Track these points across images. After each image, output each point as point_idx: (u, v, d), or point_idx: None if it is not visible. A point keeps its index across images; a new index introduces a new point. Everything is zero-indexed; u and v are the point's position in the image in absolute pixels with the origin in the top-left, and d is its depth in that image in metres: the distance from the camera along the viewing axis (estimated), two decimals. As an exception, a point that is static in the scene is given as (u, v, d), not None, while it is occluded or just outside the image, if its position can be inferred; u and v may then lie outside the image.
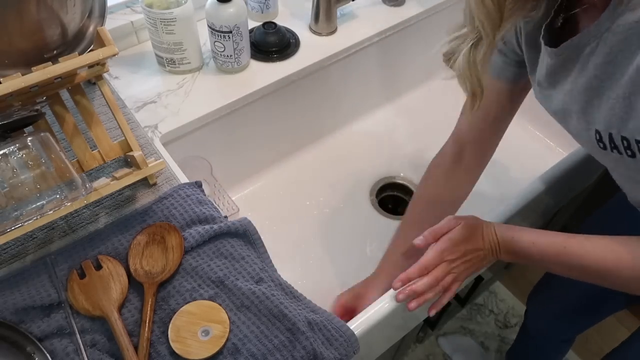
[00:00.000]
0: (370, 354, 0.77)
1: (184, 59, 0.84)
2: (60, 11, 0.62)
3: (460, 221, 0.65)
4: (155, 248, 0.62)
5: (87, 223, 0.65)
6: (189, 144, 0.83)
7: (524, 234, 0.62)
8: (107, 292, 0.58)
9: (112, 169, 0.70)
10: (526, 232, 0.62)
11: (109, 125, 0.74)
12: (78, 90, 0.64)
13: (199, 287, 0.59)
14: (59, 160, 0.57)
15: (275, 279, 0.61)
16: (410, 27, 1.03)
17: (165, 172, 0.71)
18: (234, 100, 0.83)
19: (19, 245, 0.63)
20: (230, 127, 0.87)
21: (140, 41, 0.90)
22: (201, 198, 0.67)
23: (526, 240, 0.61)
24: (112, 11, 0.86)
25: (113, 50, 0.59)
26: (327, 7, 0.91)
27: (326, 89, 0.99)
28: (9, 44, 0.60)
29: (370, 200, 1.01)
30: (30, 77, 0.54)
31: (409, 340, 1.27)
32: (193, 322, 0.56)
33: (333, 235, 0.95)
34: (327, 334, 0.57)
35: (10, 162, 0.55)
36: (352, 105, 1.10)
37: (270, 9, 0.96)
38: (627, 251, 0.54)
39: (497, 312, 1.50)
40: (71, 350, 0.54)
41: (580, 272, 0.58)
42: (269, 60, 0.90)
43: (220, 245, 0.63)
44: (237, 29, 0.81)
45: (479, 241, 0.64)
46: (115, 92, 0.82)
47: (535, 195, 0.76)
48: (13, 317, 0.56)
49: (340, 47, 0.93)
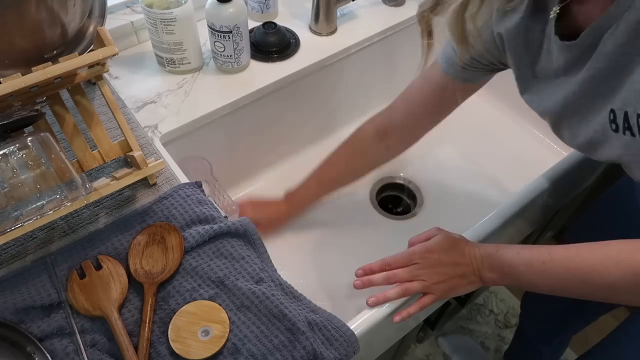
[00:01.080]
0: (370, 354, 0.77)
1: (184, 59, 0.84)
2: (60, 11, 0.62)
3: (443, 232, 0.65)
4: (155, 248, 0.62)
5: (87, 223, 0.65)
6: (189, 144, 0.83)
7: (509, 247, 0.61)
8: (107, 292, 0.58)
9: (112, 169, 0.70)
10: (510, 246, 0.61)
11: (109, 125, 0.74)
12: (78, 90, 0.64)
13: (199, 287, 0.59)
14: (59, 160, 0.57)
15: (275, 279, 0.61)
16: (410, 27, 1.03)
17: (165, 172, 0.71)
18: (234, 100, 0.83)
19: (19, 245, 0.63)
20: (230, 127, 0.87)
21: (140, 41, 0.90)
22: (201, 198, 0.67)
23: (510, 252, 0.60)
24: (112, 11, 0.86)
25: (113, 50, 0.59)
26: (327, 7, 0.91)
27: (326, 89, 0.99)
28: (9, 44, 0.60)
29: (370, 200, 1.01)
30: (30, 77, 0.54)
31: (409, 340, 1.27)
32: (193, 322, 0.56)
33: (333, 235, 0.95)
34: (327, 334, 0.57)
35: (10, 162, 0.55)
36: (352, 105, 1.10)
37: (270, 9, 0.96)
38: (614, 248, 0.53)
39: (497, 312, 1.50)
40: (71, 350, 0.54)
41: (565, 281, 0.56)
42: (269, 60, 0.90)
43: (220, 245, 0.63)
44: (237, 29, 0.81)
45: (457, 255, 0.63)
46: (115, 92, 0.82)
47: (535, 196, 0.76)
48: (13, 317, 0.56)
49: (340, 47, 0.93)
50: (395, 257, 0.65)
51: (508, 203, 0.75)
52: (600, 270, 0.53)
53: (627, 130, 0.48)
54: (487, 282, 0.62)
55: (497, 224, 0.73)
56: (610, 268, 0.52)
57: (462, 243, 0.64)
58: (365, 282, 0.65)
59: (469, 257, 0.62)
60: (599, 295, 0.56)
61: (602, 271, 0.53)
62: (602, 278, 0.53)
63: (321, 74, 0.94)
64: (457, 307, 1.26)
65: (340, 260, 0.91)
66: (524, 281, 0.60)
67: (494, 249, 0.61)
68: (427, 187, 1.04)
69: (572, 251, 0.56)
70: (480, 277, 0.62)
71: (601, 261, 0.53)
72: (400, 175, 1.06)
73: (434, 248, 0.64)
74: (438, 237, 0.65)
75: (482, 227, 0.72)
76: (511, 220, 0.75)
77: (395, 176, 1.06)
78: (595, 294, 0.56)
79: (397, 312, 0.62)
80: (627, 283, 0.51)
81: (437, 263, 0.63)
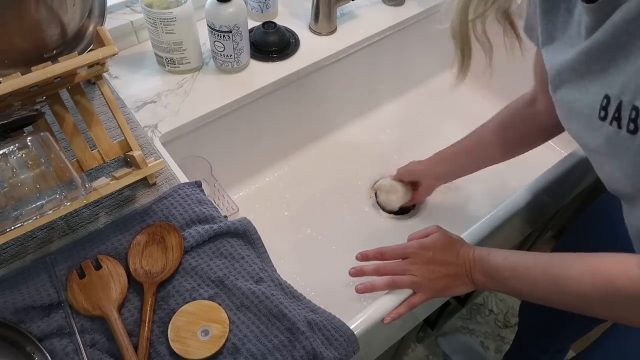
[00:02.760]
0: (370, 354, 0.77)
1: (184, 59, 0.84)
2: (60, 11, 0.62)
3: (441, 231, 0.65)
4: (155, 248, 0.62)
5: (87, 223, 0.65)
6: (189, 144, 0.83)
7: (499, 252, 0.61)
8: (107, 292, 0.58)
9: (112, 169, 0.70)
10: (501, 251, 0.61)
11: (109, 125, 0.74)
12: (78, 90, 0.64)
13: (199, 287, 0.59)
14: (59, 160, 0.57)
15: (275, 279, 0.61)
16: (410, 27, 1.03)
17: (165, 172, 0.71)
18: (234, 100, 0.83)
19: (19, 245, 0.63)
20: (230, 127, 0.87)
21: (140, 41, 0.90)
22: (201, 198, 0.67)
23: (499, 257, 0.60)
24: (112, 11, 0.86)
25: (113, 50, 0.59)
26: (327, 7, 0.91)
27: (326, 89, 0.99)
28: (9, 44, 0.60)
29: (370, 200, 1.01)
30: (30, 77, 0.54)
31: (409, 340, 1.27)
32: (193, 322, 0.56)
33: (333, 235, 0.95)
34: (327, 334, 0.57)
35: (10, 162, 0.55)
36: (352, 105, 1.10)
37: (270, 9, 0.96)
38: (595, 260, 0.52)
39: (497, 312, 1.50)
40: (71, 350, 0.54)
41: (545, 288, 0.56)
42: (269, 60, 0.90)
43: (220, 245, 0.63)
44: (237, 29, 0.81)
45: (452, 255, 0.63)
46: (115, 92, 0.82)
47: (535, 196, 0.76)
48: (13, 317, 0.56)
49: (340, 47, 0.93)
50: (390, 248, 0.66)
51: (508, 203, 0.75)
52: (576, 280, 0.52)
53: (614, 121, 0.46)
54: (478, 285, 0.62)
55: (496, 224, 0.73)
56: (586, 279, 0.51)
57: (459, 244, 0.64)
58: (359, 272, 0.67)
59: (463, 259, 0.62)
60: (575, 306, 0.54)
61: (578, 281, 0.52)
62: (577, 288, 0.52)
63: (321, 74, 0.94)
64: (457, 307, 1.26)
65: (340, 260, 0.91)
66: (509, 287, 0.59)
67: (486, 253, 0.61)
68: (427, 187, 1.04)
69: (555, 259, 0.55)
70: (472, 280, 0.62)
71: (579, 271, 0.52)
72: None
73: (429, 245, 0.64)
74: (435, 235, 0.65)
75: (482, 227, 0.72)
76: (511, 220, 0.75)
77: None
78: (571, 304, 0.55)
79: (388, 314, 0.62)
80: (599, 296, 0.50)
81: (430, 260, 0.63)
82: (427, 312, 0.91)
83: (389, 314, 0.62)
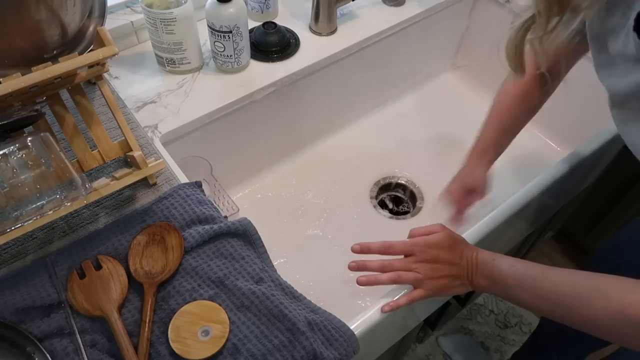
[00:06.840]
0: (370, 354, 0.77)
1: (184, 59, 0.84)
2: (60, 11, 0.62)
3: (446, 230, 0.65)
4: (155, 248, 0.62)
5: (87, 223, 0.65)
6: (189, 144, 0.83)
7: (506, 258, 0.60)
8: (107, 292, 0.58)
9: (112, 169, 0.70)
10: (508, 257, 0.61)
11: (109, 125, 0.74)
12: (78, 90, 0.64)
13: (199, 287, 0.59)
14: (59, 160, 0.57)
15: (275, 279, 0.61)
16: (410, 27, 1.03)
17: (165, 172, 0.71)
18: (234, 100, 0.83)
19: (19, 245, 0.63)
20: (230, 127, 0.87)
21: (140, 41, 0.90)
22: (201, 198, 0.67)
23: (505, 263, 0.60)
24: (112, 11, 0.86)
25: (113, 50, 0.59)
26: (327, 7, 0.91)
27: (326, 89, 0.99)
28: (9, 44, 0.60)
29: (370, 200, 1.02)
30: (30, 77, 0.54)
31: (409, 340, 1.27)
32: (193, 322, 0.56)
33: (333, 235, 0.95)
34: (327, 334, 0.57)
35: (10, 162, 0.55)
36: (352, 104, 1.10)
37: (270, 9, 0.96)
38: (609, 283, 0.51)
39: (497, 312, 1.50)
40: (71, 350, 0.54)
41: (551, 303, 0.55)
42: (269, 60, 0.90)
43: (220, 245, 0.63)
44: (237, 29, 0.81)
45: (456, 255, 0.63)
46: (115, 92, 0.82)
47: (535, 196, 0.76)
48: (13, 317, 0.56)
49: (340, 47, 0.93)
50: (393, 242, 0.65)
51: (508, 203, 0.75)
52: (587, 301, 0.52)
53: None
54: (477, 287, 0.63)
55: (497, 223, 0.73)
56: (598, 301, 0.50)
57: (462, 244, 0.64)
58: (360, 266, 0.65)
59: (466, 260, 0.62)
60: (582, 325, 0.54)
61: (589, 302, 0.51)
62: (587, 309, 0.51)
63: (321, 74, 0.94)
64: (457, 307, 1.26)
65: (340, 260, 0.91)
66: (512, 294, 0.59)
67: (490, 257, 0.61)
68: (427, 187, 1.04)
69: (566, 275, 0.55)
70: (472, 281, 0.62)
71: (590, 292, 0.51)
72: (400, 175, 1.06)
73: (435, 244, 0.64)
74: (441, 234, 0.64)
75: (482, 227, 0.72)
76: (511, 220, 0.75)
77: (395, 176, 1.06)
78: (577, 323, 0.54)
79: (386, 304, 0.62)
80: (609, 320, 0.50)
81: (435, 259, 0.63)
82: (427, 312, 0.91)
83: (386, 303, 0.62)
